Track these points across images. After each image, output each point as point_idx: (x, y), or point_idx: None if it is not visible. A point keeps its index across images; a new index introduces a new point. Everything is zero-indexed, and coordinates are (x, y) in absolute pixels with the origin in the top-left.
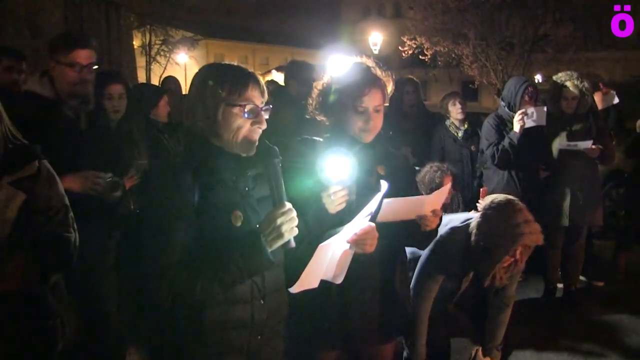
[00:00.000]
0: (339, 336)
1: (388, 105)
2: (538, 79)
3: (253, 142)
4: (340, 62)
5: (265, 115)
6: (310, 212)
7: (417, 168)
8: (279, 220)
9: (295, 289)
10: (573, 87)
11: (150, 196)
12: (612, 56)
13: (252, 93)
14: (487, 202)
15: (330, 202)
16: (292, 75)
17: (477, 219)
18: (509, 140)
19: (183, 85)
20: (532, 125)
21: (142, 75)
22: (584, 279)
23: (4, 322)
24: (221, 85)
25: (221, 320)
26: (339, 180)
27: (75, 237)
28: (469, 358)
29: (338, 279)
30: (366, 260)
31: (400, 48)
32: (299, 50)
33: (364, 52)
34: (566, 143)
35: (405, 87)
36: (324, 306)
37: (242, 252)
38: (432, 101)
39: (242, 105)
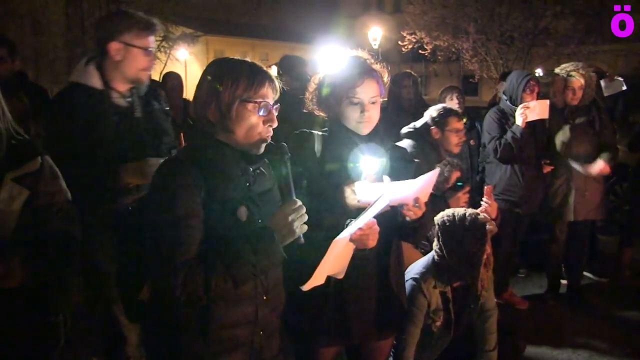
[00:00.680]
0: (337, 332)
1: (386, 100)
2: (539, 72)
3: (265, 139)
4: (332, 54)
5: (275, 113)
6: (320, 206)
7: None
8: (290, 217)
9: (307, 287)
10: (579, 76)
11: (156, 194)
12: (614, 49)
13: (267, 91)
14: (434, 231)
15: (352, 198)
16: (285, 71)
17: (438, 246)
18: (511, 134)
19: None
20: (535, 118)
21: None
22: (587, 275)
23: (6, 317)
24: (237, 81)
25: (228, 317)
26: (368, 174)
27: (80, 233)
28: None
29: (340, 274)
30: (362, 255)
31: (400, 43)
32: (299, 46)
33: (363, 47)
34: (578, 166)
35: (404, 82)
36: (322, 302)
37: (256, 249)
38: (432, 96)
39: (257, 102)
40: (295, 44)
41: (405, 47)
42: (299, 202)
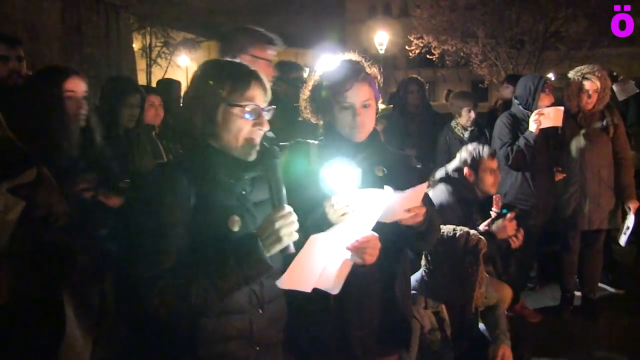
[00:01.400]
0: (338, 351)
1: (392, 106)
2: (550, 77)
3: (254, 144)
4: (327, 60)
5: (267, 116)
6: (308, 220)
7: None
8: (277, 224)
9: (282, 284)
10: (595, 79)
11: (145, 200)
12: (629, 52)
13: (254, 92)
14: (426, 259)
15: (333, 213)
16: (280, 76)
17: (427, 266)
18: (524, 141)
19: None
20: (548, 125)
21: (142, 78)
22: (603, 286)
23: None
24: (221, 84)
25: (218, 330)
26: (342, 190)
27: (77, 244)
28: None
29: (335, 289)
30: (365, 270)
31: (407, 47)
32: (303, 51)
33: (370, 51)
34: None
35: (410, 87)
36: (323, 319)
37: (238, 257)
38: (440, 102)
39: (243, 106)
40: (300, 49)
41: (413, 51)
42: (287, 209)
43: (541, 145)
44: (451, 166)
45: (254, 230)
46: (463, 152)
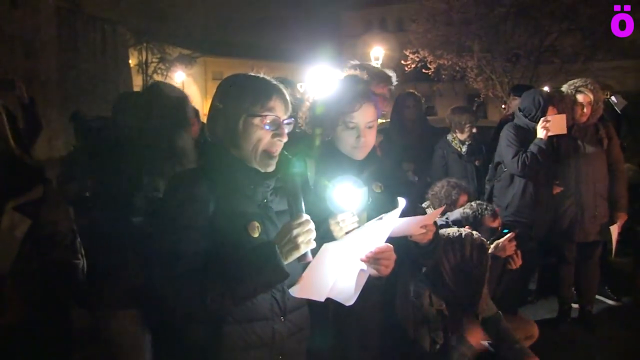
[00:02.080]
0: None
1: (389, 121)
2: (546, 90)
3: (273, 155)
4: (330, 74)
5: (287, 128)
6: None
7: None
8: (295, 232)
9: (296, 292)
10: (589, 92)
11: (164, 205)
12: (623, 65)
13: (275, 104)
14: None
15: (338, 230)
16: None
17: (434, 264)
18: (537, 147)
19: None
20: (553, 133)
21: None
22: (600, 298)
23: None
24: (244, 95)
25: (240, 338)
26: (348, 208)
27: (83, 263)
28: None
29: (350, 301)
30: (367, 290)
31: (403, 62)
32: (299, 66)
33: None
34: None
35: (406, 102)
36: (321, 334)
37: (255, 263)
38: (437, 116)
39: (263, 116)
40: (296, 64)
41: (409, 66)
42: (305, 217)
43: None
44: (453, 216)
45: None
46: (467, 207)
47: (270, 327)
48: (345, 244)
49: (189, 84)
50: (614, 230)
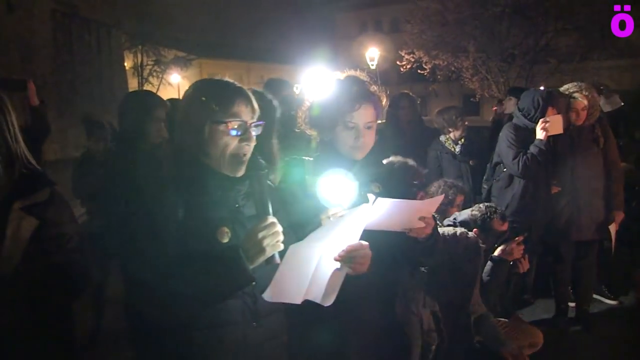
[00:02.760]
0: None
1: (384, 122)
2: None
3: (241, 160)
4: (327, 75)
5: (255, 132)
6: (306, 232)
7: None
8: (260, 234)
9: (269, 297)
10: (582, 98)
11: (132, 211)
12: (619, 65)
13: (239, 108)
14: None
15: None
16: (270, 94)
17: (425, 268)
18: (537, 148)
19: None
20: (553, 133)
21: None
22: (598, 297)
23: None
24: (207, 102)
25: (210, 343)
26: (337, 202)
27: (88, 264)
28: None
29: (327, 300)
30: (364, 289)
31: (398, 63)
32: (295, 68)
33: (361, 67)
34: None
35: (401, 103)
36: (320, 339)
37: (220, 268)
38: (432, 116)
39: (228, 122)
40: (291, 65)
41: (404, 67)
42: (271, 219)
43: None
44: (461, 217)
45: None
46: (475, 209)
47: (241, 333)
48: (310, 243)
49: (184, 86)
50: (612, 230)
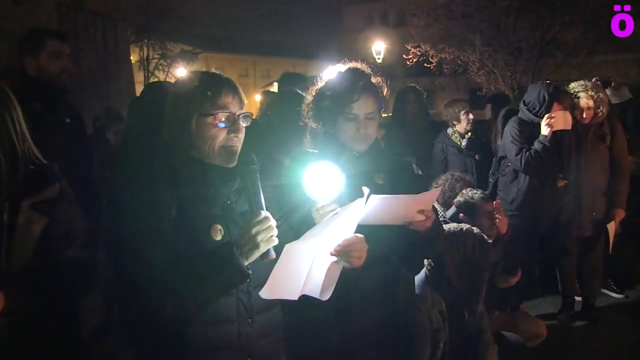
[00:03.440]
0: None
1: (391, 115)
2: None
3: (232, 151)
4: (333, 68)
5: (243, 123)
6: (296, 218)
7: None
8: (253, 230)
9: (265, 294)
10: (587, 97)
11: (124, 210)
12: (626, 58)
13: (226, 100)
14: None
15: (319, 218)
16: (285, 88)
17: (432, 262)
18: (541, 145)
19: None
20: (558, 129)
21: (140, 90)
22: (604, 291)
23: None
24: (192, 95)
25: (205, 341)
26: (324, 194)
27: (97, 260)
28: None
29: (325, 294)
30: (366, 285)
31: (405, 56)
32: (301, 62)
33: (367, 61)
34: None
35: (408, 96)
36: (323, 330)
37: (214, 265)
38: (438, 110)
39: (214, 114)
40: (298, 59)
41: (410, 60)
42: (264, 214)
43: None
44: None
45: None
46: (459, 196)
47: (235, 330)
48: (308, 242)
49: None
50: (611, 228)
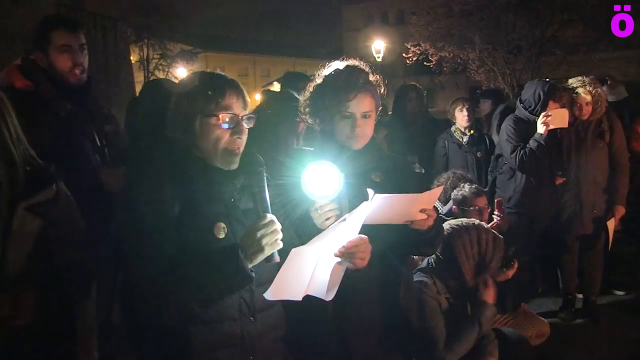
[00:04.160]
0: (339, 358)
1: (391, 113)
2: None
3: (234, 153)
4: (331, 65)
5: (247, 124)
6: (295, 217)
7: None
8: (259, 233)
9: (269, 295)
10: (585, 93)
11: (129, 208)
12: (625, 56)
13: (230, 101)
14: None
15: (317, 217)
16: (288, 88)
17: (436, 257)
18: (536, 143)
19: None
20: (554, 127)
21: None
22: (606, 289)
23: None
24: (197, 95)
25: (207, 339)
26: (322, 194)
27: (94, 262)
28: None
29: (329, 295)
30: (365, 277)
31: (405, 55)
32: (301, 61)
33: (367, 60)
34: None
35: (409, 95)
36: (322, 327)
37: (219, 266)
38: (439, 108)
39: (218, 115)
40: (298, 58)
41: (410, 59)
42: (269, 217)
43: (545, 150)
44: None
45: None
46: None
47: (238, 328)
48: (315, 246)
49: None
50: (611, 225)
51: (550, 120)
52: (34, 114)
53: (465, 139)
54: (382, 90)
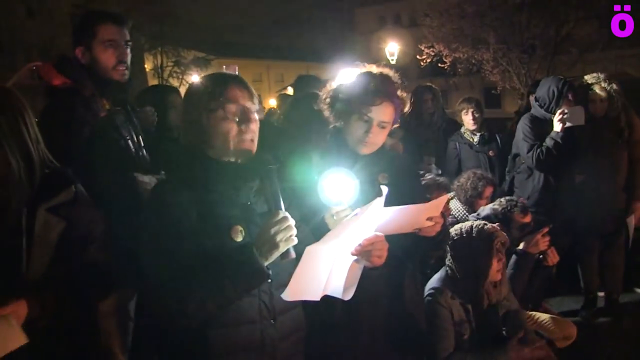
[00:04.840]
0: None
1: (407, 114)
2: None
3: (248, 144)
4: (350, 72)
5: (256, 115)
6: (310, 226)
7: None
8: (272, 230)
9: (287, 296)
10: (600, 89)
11: (147, 213)
12: None
13: (234, 93)
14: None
15: (334, 224)
16: (301, 91)
17: (450, 260)
18: (553, 141)
19: None
20: (571, 124)
21: None
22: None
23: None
24: (201, 93)
25: (227, 342)
26: (339, 200)
27: (114, 262)
28: None
29: (347, 294)
30: (371, 280)
31: (418, 57)
32: (315, 65)
33: (381, 62)
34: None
35: (424, 95)
36: (331, 332)
37: (234, 267)
38: (453, 109)
39: (224, 107)
40: (311, 63)
41: (424, 61)
42: (283, 214)
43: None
44: (484, 212)
45: None
46: (496, 204)
47: (258, 331)
48: (329, 243)
49: None
50: (630, 222)
51: (567, 117)
52: (72, 111)
53: (476, 139)
54: (405, 108)
